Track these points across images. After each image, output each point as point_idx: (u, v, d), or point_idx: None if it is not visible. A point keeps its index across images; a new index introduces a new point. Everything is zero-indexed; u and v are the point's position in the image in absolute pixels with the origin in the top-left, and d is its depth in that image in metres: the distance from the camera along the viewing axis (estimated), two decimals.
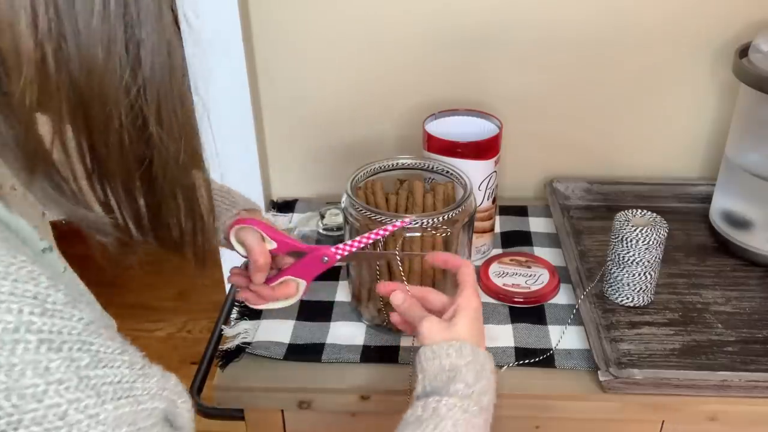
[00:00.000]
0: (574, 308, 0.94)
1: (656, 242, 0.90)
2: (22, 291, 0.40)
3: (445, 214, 0.84)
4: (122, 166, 0.47)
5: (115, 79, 0.44)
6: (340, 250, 0.79)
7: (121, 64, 0.44)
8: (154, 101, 0.46)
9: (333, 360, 0.88)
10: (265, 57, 1.16)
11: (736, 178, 1.04)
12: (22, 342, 0.39)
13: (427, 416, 0.61)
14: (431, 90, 1.17)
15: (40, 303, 0.40)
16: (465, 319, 0.68)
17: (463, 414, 0.61)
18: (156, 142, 0.47)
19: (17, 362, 0.39)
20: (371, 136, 1.21)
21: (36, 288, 0.40)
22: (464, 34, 1.13)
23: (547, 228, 1.12)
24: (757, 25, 1.09)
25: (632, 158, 1.22)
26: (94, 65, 0.43)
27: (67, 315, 0.41)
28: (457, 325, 0.68)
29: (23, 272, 0.40)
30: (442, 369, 0.64)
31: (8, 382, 0.38)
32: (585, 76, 1.16)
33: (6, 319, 0.39)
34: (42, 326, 0.40)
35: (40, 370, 0.39)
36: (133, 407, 0.43)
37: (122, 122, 0.46)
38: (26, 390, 0.39)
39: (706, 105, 1.18)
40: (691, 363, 0.86)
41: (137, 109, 0.46)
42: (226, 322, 0.94)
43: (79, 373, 0.41)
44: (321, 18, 1.13)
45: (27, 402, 0.39)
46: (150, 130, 0.47)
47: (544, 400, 0.83)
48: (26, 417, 0.39)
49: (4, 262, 0.40)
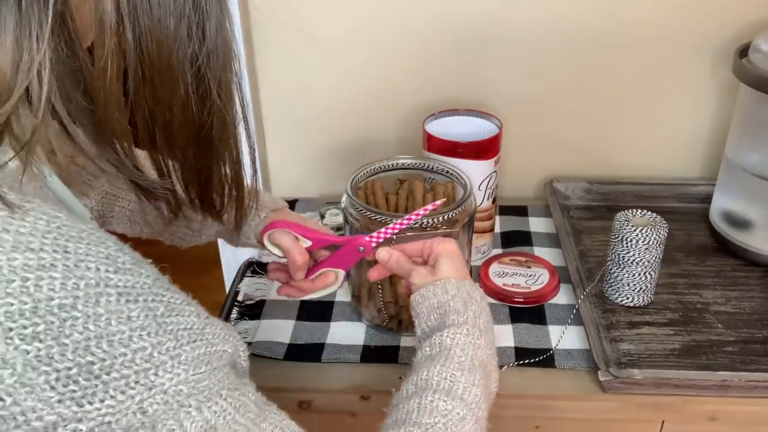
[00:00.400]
0: (574, 308, 0.94)
1: (656, 242, 0.90)
2: (96, 252, 0.43)
3: (445, 214, 0.84)
4: (183, 132, 0.52)
5: (182, 49, 0.48)
6: (374, 238, 0.80)
7: (189, 35, 0.48)
8: (216, 69, 0.50)
9: (333, 360, 0.88)
10: (265, 57, 1.16)
11: (736, 178, 1.04)
12: (104, 295, 0.42)
13: (435, 352, 0.65)
14: (431, 90, 1.17)
15: (113, 262, 0.43)
16: (445, 260, 0.72)
17: (467, 337, 0.65)
18: (216, 108, 0.52)
19: (103, 312, 0.41)
20: (371, 136, 1.21)
21: (107, 250, 0.43)
22: (464, 34, 1.13)
23: (547, 228, 1.12)
24: (757, 25, 1.09)
25: (632, 158, 1.22)
26: (165, 35, 0.47)
27: (136, 272, 0.44)
28: (440, 267, 0.72)
29: (94, 237, 0.43)
30: (431, 308, 0.69)
31: (97, 330, 0.41)
32: (585, 76, 1.16)
33: (88, 276, 0.42)
34: (118, 282, 0.43)
35: (123, 318, 0.42)
36: (208, 348, 0.47)
37: (188, 89, 0.50)
38: (114, 337, 0.42)
39: (706, 105, 1.18)
40: (691, 363, 0.86)
41: (201, 76, 0.50)
42: (226, 322, 0.94)
43: (157, 320, 0.44)
44: (321, 18, 1.13)
45: (115, 347, 0.42)
46: (212, 97, 0.51)
47: (544, 400, 0.83)
48: (117, 361, 0.41)
49: (77, 228, 0.43)
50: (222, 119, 0.53)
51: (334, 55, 1.16)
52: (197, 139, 0.53)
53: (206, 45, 0.49)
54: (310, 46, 1.15)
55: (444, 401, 0.60)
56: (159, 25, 0.47)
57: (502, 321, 0.93)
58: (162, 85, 0.49)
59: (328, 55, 1.16)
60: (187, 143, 0.53)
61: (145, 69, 0.47)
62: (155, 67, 0.48)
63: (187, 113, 0.51)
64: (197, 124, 0.52)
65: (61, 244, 0.41)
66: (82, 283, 0.41)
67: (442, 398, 0.60)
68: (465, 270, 0.73)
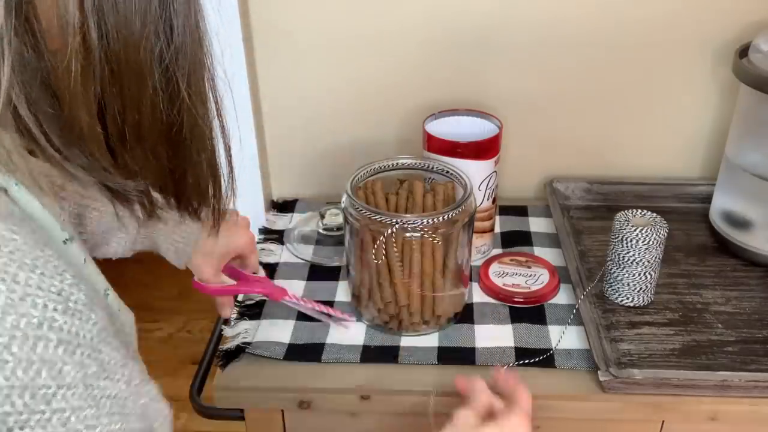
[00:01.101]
0: (574, 308, 0.94)
1: (656, 242, 0.90)
2: (48, 285, 0.40)
3: (445, 214, 0.84)
4: (153, 131, 0.50)
5: (149, 47, 0.46)
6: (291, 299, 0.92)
7: (156, 32, 0.46)
8: (185, 67, 0.49)
9: (333, 360, 0.88)
10: (265, 57, 1.16)
11: (736, 178, 1.04)
12: (43, 339, 0.39)
13: None
14: (431, 90, 1.17)
15: (64, 300, 0.40)
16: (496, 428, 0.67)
17: None
18: (186, 106, 0.50)
19: (36, 360, 0.38)
20: (371, 136, 1.21)
21: (61, 284, 0.40)
22: (464, 34, 1.13)
23: (547, 228, 1.12)
24: (757, 25, 1.09)
25: (632, 158, 1.22)
26: (131, 34, 0.45)
27: (85, 317, 0.41)
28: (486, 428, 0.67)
29: (50, 266, 0.41)
30: None
31: (24, 379, 0.38)
32: (585, 76, 1.16)
33: (31, 313, 0.38)
34: (62, 325, 0.40)
35: (54, 372, 0.39)
36: (122, 426, 0.44)
37: (156, 88, 0.48)
38: (38, 390, 0.38)
39: (706, 105, 1.18)
40: (691, 363, 0.86)
41: (170, 75, 0.48)
42: (226, 322, 0.94)
43: (85, 381, 0.41)
44: (321, 18, 1.13)
45: (37, 402, 0.38)
46: (182, 95, 0.49)
47: (544, 400, 0.83)
48: (33, 418, 0.38)
49: (32, 254, 0.40)
50: (193, 117, 0.51)
51: (334, 55, 1.16)
52: (168, 138, 0.51)
53: (174, 43, 0.48)
54: (310, 47, 1.15)
55: None
56: (125, 23, 0.45)
57: (502, 321, 0.93)
58: (129, 84, 0.47)
59: (328, 55, 1.16)
60: (158, 142, 0.51)
61: (112, 68, 0.46)
62: (122, 66, 0.46)
63: (156, 112, 0.49)
64: (167, 122, 0.50)
65: (11, 272, 0.38)
66: (23, 321, 0.38)
67: None
68: None
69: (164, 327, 2.19)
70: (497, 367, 0.83)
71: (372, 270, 0.88)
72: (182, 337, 2.17)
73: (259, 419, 0.88)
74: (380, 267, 0.87)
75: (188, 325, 2.20)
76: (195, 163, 0.54)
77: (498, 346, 0.89)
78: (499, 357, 0.87)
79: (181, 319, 2.21)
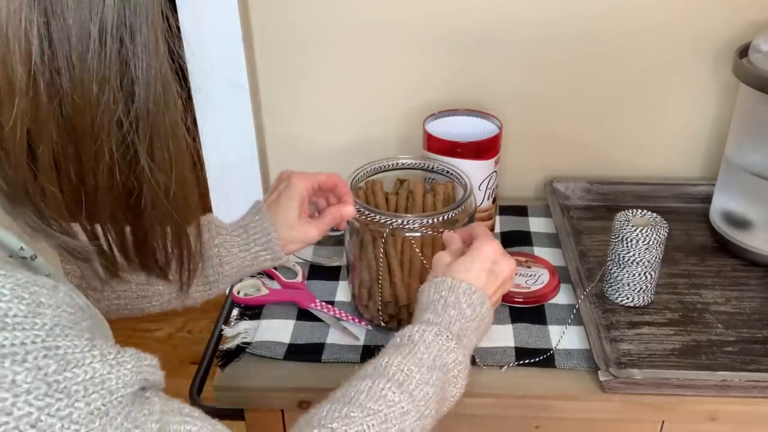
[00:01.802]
0: (574, 308, 0.94)
1: (656, 242, 0.90)
2: None
3: (445, 214, 0.84)
4: (111, 197, 0.48)
5: (107, 113, 0.44)
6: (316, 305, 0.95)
7: (114, 99, 0.44)
8: (146, 135, 0.46)
9: (333, 360, 0.88)
10: (265, 57, 1.16)
11: (736, 178, 1.04)
12: None
13: (402, 343, 0.68)
14: (431, 90, 1.17)
15: (1, 317, 0.40)
16: (467, 259, 0.74)
17: (435, 337, 0.68)
18: (147, 176, 0.47)
19: None
20: (371, 136, 1.21)
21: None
22: (464, 34, 1.13)
23: (547, 228, 1.12)
24: (757, 25, 1.09)
25: (632, 158, 1.22)
26: (87, 99, 0.43)
27: (29, 325, 0.41)
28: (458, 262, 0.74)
29: None
30: (421, 303, 0.73)
31: None
32: (585, 76, 1.16)
33: None
34: (3, 341, 0.39)
35: (6, 384, 0.39)
36: (106, 398, 0.43)
37: (113, 155, 0.46)
38: None
39: (706, 105, 1.18)
40: (691, 363, 0.86)
41: (129, 142, 0.46)
42: (226, 322, 0.94)
43: (47, 380, 0.40)
44: (321, 18, 1.13)
45: None
46: (141, 164, 0.47)
47: (544, 400, 0.83)
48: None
49: None
50: (153, 189, 0.48)
51: (334, 55, 1.16)
52: (127, 205, 0.48)
53: (134, 109, 0.45)
54: (310, 47, 1.15)
55: (393, 392, 0.63)
56: (80, 88, 0.43)
57: (502, 321, 0.93)
58: (85, 148, 0.45)
59: (328, 55, 1.16)
60: (116, 209, 0.48)
61: (65, 133, 0.44)
62: (77, 131, 0.44)
63: (113, 179, 0.46)
64: (126, 189, 0.47)
65: None
66: None
67: (392, 389, 0.63)
68: (479, 273, 0.74)
69: (164, 327, 2.19)
70: None
71: (372, 270, 0.88)
72: (182, 337, 2.17)
73: (259, 419, 0.88)
74: (380, 267, 0.87)
75: (188, 325, 2.20)
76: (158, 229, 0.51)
77: (498, 346, 0.89)
78: (499, 357, 0.87)
79: (181, 319, 2.21)
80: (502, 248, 0.76)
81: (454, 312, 0.70)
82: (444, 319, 0.70)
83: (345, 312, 0.94)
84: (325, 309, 0.94)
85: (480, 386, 0.83)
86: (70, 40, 0.42)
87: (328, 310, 0.94)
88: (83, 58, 0.42)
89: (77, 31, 0.42)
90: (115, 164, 0.46)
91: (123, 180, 0.47)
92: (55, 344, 0.41)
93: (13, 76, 0.41)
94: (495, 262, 0.75)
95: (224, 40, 1.10)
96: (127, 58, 0.44)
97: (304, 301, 0.95)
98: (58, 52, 0.42)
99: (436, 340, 0.68)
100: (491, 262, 0.74)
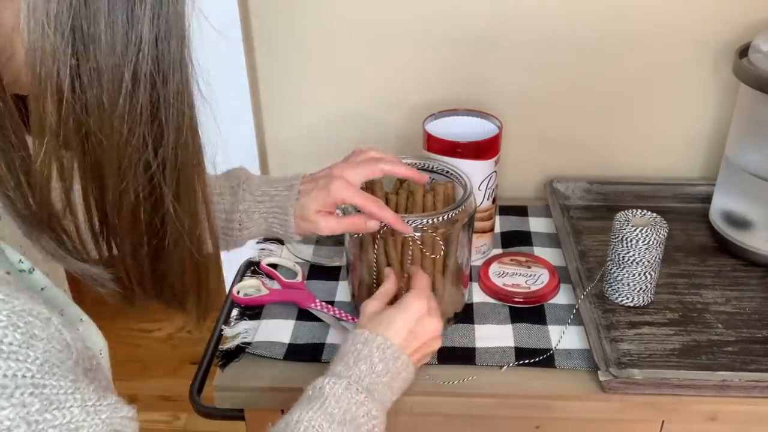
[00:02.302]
0: (574, 308, 0.94)
1: (656, 242, 0.90)
2: None
3: (445, 214, 0.84)
4: (133, 235, 0.48)
5: (135, 155, 0.44)
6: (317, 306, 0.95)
7: (143, 141, 0.44)
8: (173, 178, 0.47)
9: None
10: (265, 57, 1.16)
11: (736, 178, 1.04)
12: None
13: (314, 396, 0.68)
14: (431, 90, 1.17)
15: None
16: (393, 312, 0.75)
17: (345, 391, 0.68)
18: (171, 217, 0.48)
19: None
20: (371, 136, 1.21)
21: None
22: (464, 34, 1.13)
23: (547, 228, 1.12)
24: (757, 25, 1.09)
25: (632, 158, 1.22)
26: (116, 140, 0.44)
27: (22, 356, 0.40)
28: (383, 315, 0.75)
29: None
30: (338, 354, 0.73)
31: None
32: (585, 76, 1.16)
33: None
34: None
35: None
36: None
37: (138, 195, 0.46)
38: None
39: (706, 105, 1.18)
40: (691, 363, 0.86)
41: (155, 184, 0.46)
42: (226, 322, 0.94)
43: (28, 419, 0.40)
44: (321, 18, 1.13)
45: None
46: (166, 205, 0.47)
47: (544, 400, 0.83)
48: None
49: None
50: (177, 232, 0.48)
51: (334, 55, 1.16)
52: (150, 244, 0.49)
53: (162, 152, 0.45)
54: (310, 46, 1.15)
55: None
56: (109, 130, 0.43)
57: (502, 321, 0.93)
58: (110, 186, 0.45)
59: (328, 55, 1.16)
60: (138, 246, 0.49)
61: (92, 172, 0.44)
62: (104, 171, 0.44)
63: (137, 218, 0.47)
64: (149, 229, 0.48)
65: None
66: None
67: None
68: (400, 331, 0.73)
69: (164, 327, 2.19)
70: None
71: (372, 270, 0.88)
72: (182, 337, 2.17)
73: (259, 419, 0.88)
74: (380, 267, 0.87)
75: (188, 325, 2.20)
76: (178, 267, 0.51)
77: (498, 346, 0.89)
78: (499, 357, 0.87)
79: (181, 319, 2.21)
80: (432, 305, 0.77)
81: (364, 366, 0.70)
82: (354, 372, 0.70)
83: (345, 312, 0.93)
84: (325, 309, 0.94)
85: (480, 386, 0.83)
86: (102, 82, 0.42)
87: (328, 310, 0.94)
88: (114, 101, 0.43)
89: (109, 75, 0.42)
90: (140, 204, 0.46)
91: (147, 219, 0.47)
92: (42, 382, 0.41)
93: (43, 114, 0.42)
94: (419, 321, 0.74)
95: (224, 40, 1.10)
96: (158, 102, 0.44)
97: (304, 301, 0.95)
98: (88, 93, 0.42)
99: (345, 393, 0.67)
100: (415, 321, 0.74)
